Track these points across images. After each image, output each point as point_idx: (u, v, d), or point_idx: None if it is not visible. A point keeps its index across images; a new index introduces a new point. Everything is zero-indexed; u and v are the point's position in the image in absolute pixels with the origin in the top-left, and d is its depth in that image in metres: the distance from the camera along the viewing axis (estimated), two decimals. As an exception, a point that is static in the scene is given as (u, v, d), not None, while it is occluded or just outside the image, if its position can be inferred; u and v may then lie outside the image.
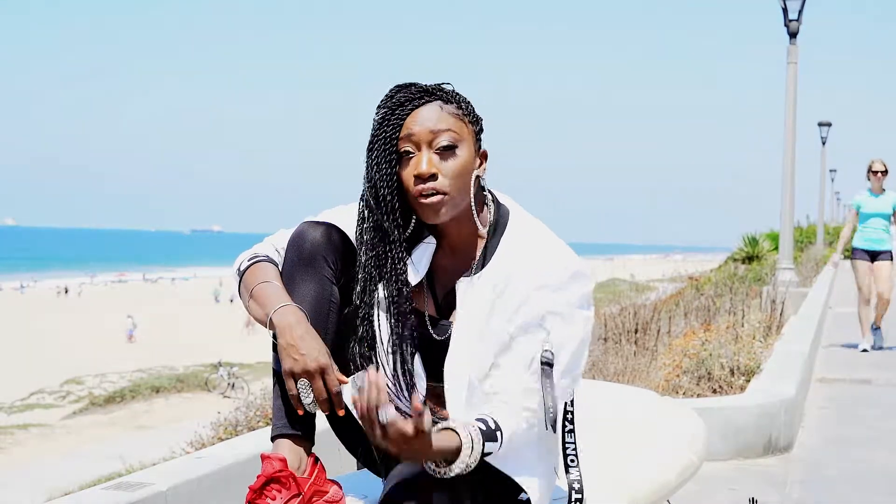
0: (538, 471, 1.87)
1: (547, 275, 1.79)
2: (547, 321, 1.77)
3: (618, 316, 7.36)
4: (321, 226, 1.85)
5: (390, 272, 1.82)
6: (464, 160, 1.80)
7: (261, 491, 1.73)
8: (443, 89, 1.83)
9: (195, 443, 6.17)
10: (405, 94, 1.80)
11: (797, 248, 22.83)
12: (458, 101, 1.83)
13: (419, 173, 1.77)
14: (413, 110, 1.79)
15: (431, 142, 1.78)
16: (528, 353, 1.77)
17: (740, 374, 5.67)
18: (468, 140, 1.82)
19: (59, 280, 67.60)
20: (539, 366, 1.76)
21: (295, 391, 1.72)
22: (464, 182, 1.80)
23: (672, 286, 17.02)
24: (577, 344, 1.80)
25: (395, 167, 1.79)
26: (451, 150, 1.79)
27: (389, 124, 1.79)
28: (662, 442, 2.56)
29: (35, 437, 20.33)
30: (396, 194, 1.79)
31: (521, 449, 1.82)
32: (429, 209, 1.78)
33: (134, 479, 2.93)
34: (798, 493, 4.30)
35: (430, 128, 1.78)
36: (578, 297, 1.81)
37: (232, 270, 1.91)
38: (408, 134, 1.78)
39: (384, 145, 1.79)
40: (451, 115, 1.80)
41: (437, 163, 1.78)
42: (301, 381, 1.72)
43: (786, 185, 13.14)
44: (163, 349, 31.35)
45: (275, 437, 1.81)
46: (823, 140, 31.88)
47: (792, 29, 13.07)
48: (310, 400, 1.72)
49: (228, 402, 15.64)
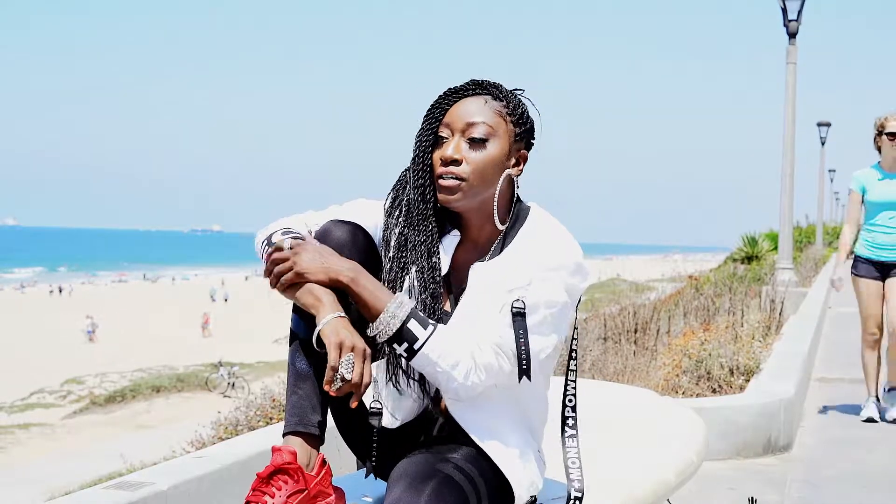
0: (527, 459, 1.89)
1: (546, 257, 1.84)
2: (532, 284, 1.83)
3: (618, 316, 7.38)
4: (346, 225, 1.88)
5: (418, 246, 1.87)
6: (492, 155, 1.87)
7: (268, 479, 1.74)
8: (497, 86, 1.91)
9: (195, 442, 6.18)
10: (461, 84, 1.91)
11: (796, 248, 22.83)
12: (509, 100, 1.91)
13: (444, 156, 1.86)
14: (460, 100, 1.89)
15: (465, 131, 1.86)
16: (502, 301, 1.83)
17: (740, 373, 5.68)
18: (504, 138, 1.89)
19: (58, 280, 67.61)
20: (510, 311, 1.81)
21: (337, 363, 1.70)
22: (488, 175, 1.87)
23: (672, 286, 17.00)
24: (553, 311, 1.83)
25: (431, 148, 1.89)
26: (482, 142, 1.87)
27: (437, 109, 1.90)
28: (662, 442, 2.57)
29: (35, 436, 20.33)
30: (429, 175, 1.88)
31: (494, 416, 1.86)
32: (444, 190, 1.86)
33: (134, 478, 2.94)
34: (798, 493, 4.30)
35: (466, 118, 1.87)
36: (570, 283, 1.85)
37: (258, 241, 1.89)
38: (448, 121, 1.89)
39: (427, 126, 1.90)
40: (493, 110, 1.88)
41: (464, 150, 1.86)
42: (347, 356, 1.70)
43: (785, 185, 13.14)
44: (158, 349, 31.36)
45: (287, 433, 1.81)
46: (823, 140, 31.86)
47: (791, 29, 13.07)
48: (350, 376, 1.70)
49: (229, 401, 15.63)
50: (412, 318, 1.77)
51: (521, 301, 1.80)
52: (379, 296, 1.78)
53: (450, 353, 1.78)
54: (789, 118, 13.27)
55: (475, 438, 1.85)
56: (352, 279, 1.77)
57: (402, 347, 1.78)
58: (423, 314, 1.85)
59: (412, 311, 1.78)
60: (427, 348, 1.77)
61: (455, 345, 1.79)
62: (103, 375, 26.86)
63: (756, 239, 21.91)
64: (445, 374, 1.79)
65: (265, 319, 34.01)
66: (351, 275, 1.77)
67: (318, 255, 1.77)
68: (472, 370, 1.80)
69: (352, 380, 1.70)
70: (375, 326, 1.77)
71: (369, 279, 1.79)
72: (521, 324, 1.80)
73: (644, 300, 11.45)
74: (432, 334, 1.78)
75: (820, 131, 31.78)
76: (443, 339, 1.78)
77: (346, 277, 1.77)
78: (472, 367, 1.80)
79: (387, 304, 1.77)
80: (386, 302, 1.78)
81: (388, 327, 1.77)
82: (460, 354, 1.79)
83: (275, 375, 16.23)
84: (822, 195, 33.65)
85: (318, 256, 1.77)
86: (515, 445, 1.88)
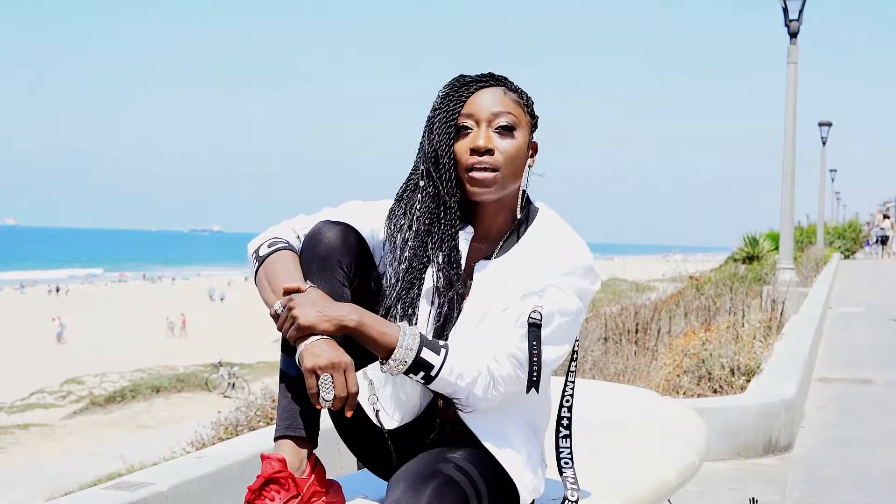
0: (531, 462, 1.88)
1: (558, 260, 1.82)
2: (546, 292, 1.80)
3: (618, 316, 7.37)
4: (337, 226, 1.85)
5: (444, 242, 1.84)
6: (520, 144, 1.86)
7: (259, 492, 1.73)
8: (508, 79, 1.90)
9: (195, 443, 6.18)
10: (471, 76, 1.88)
11: (797, 248, 22.81)
12: (520, 92, 1.90)
13: (476, 146, 1.82)
14: (477, 91, 1.86)
15: (491, 121, 1.84)
16: (518, 311, 1.80)
17: (740, 373, 5.67)
18: (525, 128, 1.88)
19: (60, 280, 67.62)
20: (526, 322, 1.78)
21: (315, 389, 1.70)
22: (516, 166, 1.85)
23: (672, 286, 17.01)
24: (567, 319, 1.81)
25: (452, 140, 1.85)
26: (510, 131, 1.85)
27: (452, 99, 1.86)
28: (662, 442, 2.56)
29: (35, 436, 20.33)
30: (454, 166, 1.84)
31: (503, 422, 1.84)
32: (479, 183, 1.83)
33: (134, 478, 2.94)
34: (798, 493, 4.30)
35: (491, 108, 1.85)
36: (581, 288, 1.83)
37: (249, 251, 1.89)
38: (469, 111, 1.85)
39: (446, 117, 1.85)
40: (512, 101, 1.87)
41: (495, 140, 1.84)
42: (324, 376, 1.70)
43: (786, 185, 13.15)
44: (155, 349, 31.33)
45: (278, 437, 1.80)
46: (823, 140, 31.85)
47: (792, 29, 13.08)
48: (330, 396, 1.70)
49: (229, 401, 15.63)
50: (423, 346, 1.74)
51: (538, 312, 1.77)
52: (386, 331, 1.73)
53: (467, 370, 1.75)
54: (790, 118, 13.28)
55: (486, 443, 1.82)
56: (357, 322, 1.72)
57: (419, 376, 1.74)
58: (452, 314, 1.84)
59: (422, 339, 1.74)
60: (444, 372, 1.74)
61: (470, 361, 1.76)
62: (103, 375, 26.85)
63: (757, 239, 21.90)
64: (465, 391, 1.76)
65: (263, 319, 33.85)
66: (355, 317, 1.72)
67: (313, 307, 1.71)
68: (491, 384, 1.77)
69: (334, 399, 1.69)
70: (392, 365, 1.73)
71: (370, 317, 1.74)
72: (536, 334, 1.77)
73: (645, 300, 11.47)
74: (446, 357, 1.74)
75: (821, 131, 31.78)
76: (458, 359, 1.75)
77: (351, 322, 1.72)
78: (490, 381, 1.77)
79: (396, 337, 1.73)
80: (394, 336, 1.73)
81: (403, 363, 1.73)
82: (477, 369, 1.76)
83: (275, 375, 16.21)
84: (822, 195, 33.61)
85: (313, 308, 1.71)
86: (522, 449, 1.87)
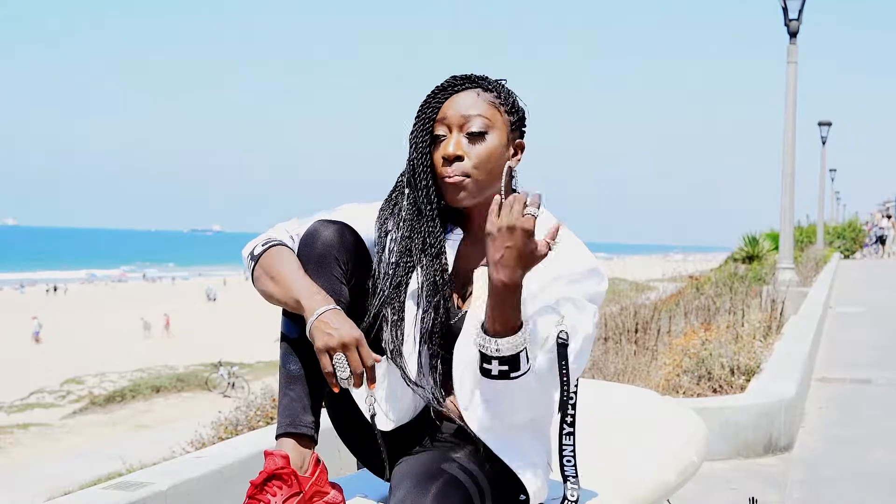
0: (537, 466, 1.87)
1: (563, 268, 1.80)
2: (561, 306, 1.77)
3: (618, 315, 7.36)
4: (334, 225, 1.85)
5: (426, 248, 1.85)
6: (492, 146, 1.84)
7: (262, 486, 1.73)
8: (485, 78, 1.88)
9: (195, 442, 6.18)
10: (448, 80, 1.87)
11: (797, 248, 22.81)
12: (499, 90, 1.88)
13: (445, 154, 1.83)
14: (451, 95, 1.86)
15: (462, 126, 1.84)
16: (543, 334, 1.75)
17: (740, 373, 5.67)
18: (501, 129, 1.86)
19: (59, 280, 67.60)
20: (555, 344, 1.74)
21: (330, 368, 1.69)
22: (491, 168, 1.84)
23: (672, 286, 17.01)
24: (587, 332, 1.79)
25: (429, 148, 1.85)
26: (481, 135, 1.84)
27: (429, 107, 1.87)
28: (662, 442, 2.56)
29: (35, 436, 20.31)
30: (431, 175, 1.84)
31: (522, 438, 1.83)
32: (451, 189, 1.83)
33: (134, 478, 2.93)
34: (798, 493, 4.30)
35: (462, 112, 1.84)
36: (591, 293, 1.81)
37: (244, 254, 1.89)
38: (442, 117, 1.85)
39: (421, 127, 1.86)
40: (486, 102, 1.85)
41: (465, 146, 1.83)
42: (337, 355, 1.69)
43: (786, 185, 13.15)
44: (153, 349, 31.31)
45: (279, 435, 1.80)
46: (823, 140, 31.85)
47: (792, 28, 13.08)
48: (346, 375, 1.69)
49: (229, 401, 15.64)
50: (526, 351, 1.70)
51: (565, 332, 1.74)
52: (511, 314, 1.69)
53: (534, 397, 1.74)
54: (790, 117, 13.27)
55: (495, 450, 1.81)
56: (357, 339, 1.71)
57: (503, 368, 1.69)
58: (438, 316, 1.84)
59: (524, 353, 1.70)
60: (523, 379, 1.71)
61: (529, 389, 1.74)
62: (103, 375, 26.85)
63: (757, 238, 21.89)
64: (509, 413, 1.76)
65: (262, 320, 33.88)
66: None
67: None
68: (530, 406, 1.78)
69: (353, 375, 1.69)
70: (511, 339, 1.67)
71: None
72: (564, 353, 1.74)
73: (644, 300, 11.46)
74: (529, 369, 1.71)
75: (821, 131, 31.77)
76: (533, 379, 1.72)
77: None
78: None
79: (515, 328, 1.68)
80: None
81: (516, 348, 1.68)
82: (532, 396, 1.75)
83: (275, 375, 16.20)
84: (822, 195, 33.60)
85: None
86: (532, 451, 1.86)
